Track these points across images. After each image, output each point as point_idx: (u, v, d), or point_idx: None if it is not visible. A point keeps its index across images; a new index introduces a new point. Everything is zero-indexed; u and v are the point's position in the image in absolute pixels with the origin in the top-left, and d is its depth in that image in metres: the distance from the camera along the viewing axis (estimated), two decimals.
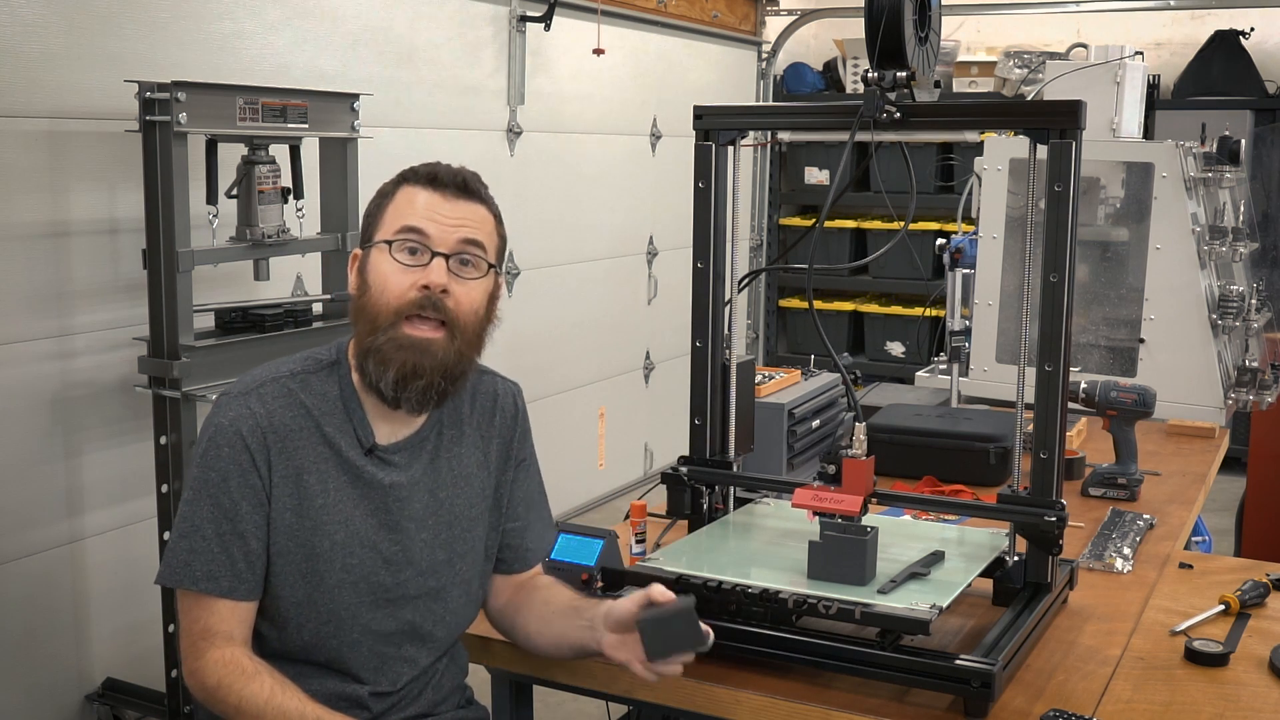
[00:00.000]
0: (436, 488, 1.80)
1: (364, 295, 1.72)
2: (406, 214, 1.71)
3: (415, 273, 1.69)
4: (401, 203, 1.73)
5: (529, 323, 4.92)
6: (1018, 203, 3.71)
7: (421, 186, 1.73)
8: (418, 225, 1.70)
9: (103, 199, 3.16)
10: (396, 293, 1.69)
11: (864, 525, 1.87)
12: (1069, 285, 1.89)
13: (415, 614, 1.78)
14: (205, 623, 1.68)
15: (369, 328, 1.70)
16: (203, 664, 1.66)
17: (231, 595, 1.68)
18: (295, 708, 1.63)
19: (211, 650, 1.67)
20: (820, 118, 2.77)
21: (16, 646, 3.06)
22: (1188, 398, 3.51)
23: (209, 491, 1.68)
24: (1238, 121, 5.86)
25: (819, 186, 7.07)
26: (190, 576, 1.67)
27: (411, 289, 1.69)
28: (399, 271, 1.69)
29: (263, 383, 1.72)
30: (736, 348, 2.20)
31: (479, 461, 1.86)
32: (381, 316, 1.69)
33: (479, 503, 1.85)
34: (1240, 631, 2.01)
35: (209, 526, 1.67)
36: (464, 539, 1.82)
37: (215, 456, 1.68)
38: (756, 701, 1.78)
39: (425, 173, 1.74)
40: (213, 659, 1.66)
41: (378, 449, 1.75)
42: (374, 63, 4.06)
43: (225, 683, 1.65)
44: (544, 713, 2.12)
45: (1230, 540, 4.46)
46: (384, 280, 1.69)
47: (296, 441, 1.70)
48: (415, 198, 1.73)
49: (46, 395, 3.08)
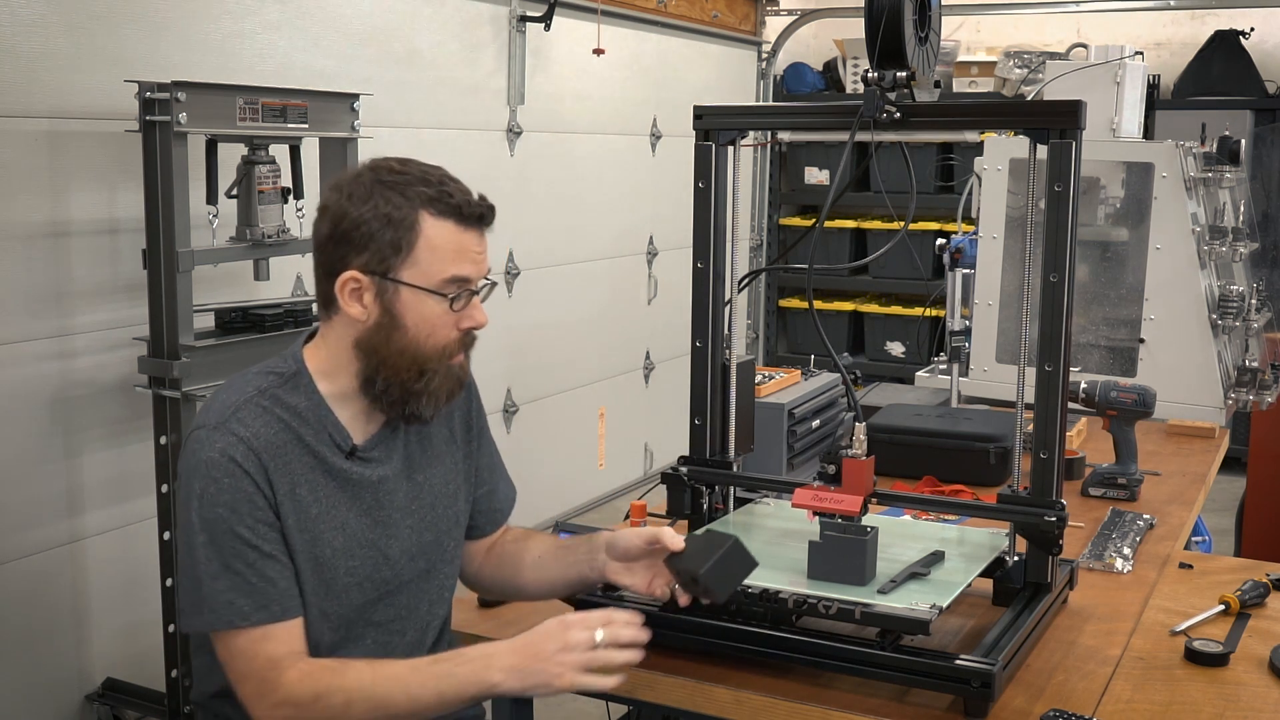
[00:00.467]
0: (413, 472, 1.81)
1: (396, 333, 1.68)
2: (449, 260, 1.67)
3: (457, 315, 1.70)
4: (436, 242, 1.66)
5: (529, 323, 4.92)
6: (1018, 203, 3.71)
7: (452, 221, 1.68)
8: (466, 275, 1.69)
9: (103, 199, 3.16)
10: (443, 335, 1.70)
11: (864, 525, 1.87)
12: (1069, 285, 1.89)
13: (410, 596, 1.81)
14: (269, 653, 1.63)
15: (414, 370, 1.69)
16: (286, 691, 1.61)
17: (286, 616, 1.64)
18: (402, 670, 1.62)
19: (287, 673, 1.62)
20: (820, 118, 2.77)
21: (16, 646, 3.06)
22: (1188, 398, 3.51)
23: (223, 527, 1.63)
24: (1238, 121, 5.86)
25: (819, 186, 7.07)
26: (241, 614, 1.62)
27: (454, 329, 1.71)
28: (445, 315, 1.69)
29: (236, 407, 1.67)
30: (736, 348, 2.20)
31: (445, 438, 1.88)
32: (431, 361, 1.70)
33: (454, 478, 1.88)
34: (1240, 631, 2.01)
35: (237, 561, 1.62)
36: (446, 516, 1.85)
37: (216, 491, 1.63)
38: (756, 701, 1.78)
39: (455, 204, 1.68)
40: (293, 679, 1.61)
41: (357, 450, 1.75)
42: (374, 63, 4.06)
43: (322, 688, 1.60)
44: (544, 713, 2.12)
45: (1230, 540, 4.46)
46: (430, 325, 1.69)
47: (286, 457, 1.67)
48: (451, 239, 1.67)
49: (46, 395, 3.08)
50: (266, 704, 1.62)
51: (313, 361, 1.75)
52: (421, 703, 1.60)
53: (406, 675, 1.61)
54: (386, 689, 1.60)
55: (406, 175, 1.69)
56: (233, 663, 1.64)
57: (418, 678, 1.61)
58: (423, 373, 1.70)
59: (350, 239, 1.67)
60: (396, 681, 1.60)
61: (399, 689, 1.60)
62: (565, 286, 5.17)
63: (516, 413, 4.91)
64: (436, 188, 1.68)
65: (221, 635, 1.64)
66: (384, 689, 1.60)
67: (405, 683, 1.60)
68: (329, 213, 1.69)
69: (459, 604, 2.03)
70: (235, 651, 1.64)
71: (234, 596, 1.62)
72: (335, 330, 1.73)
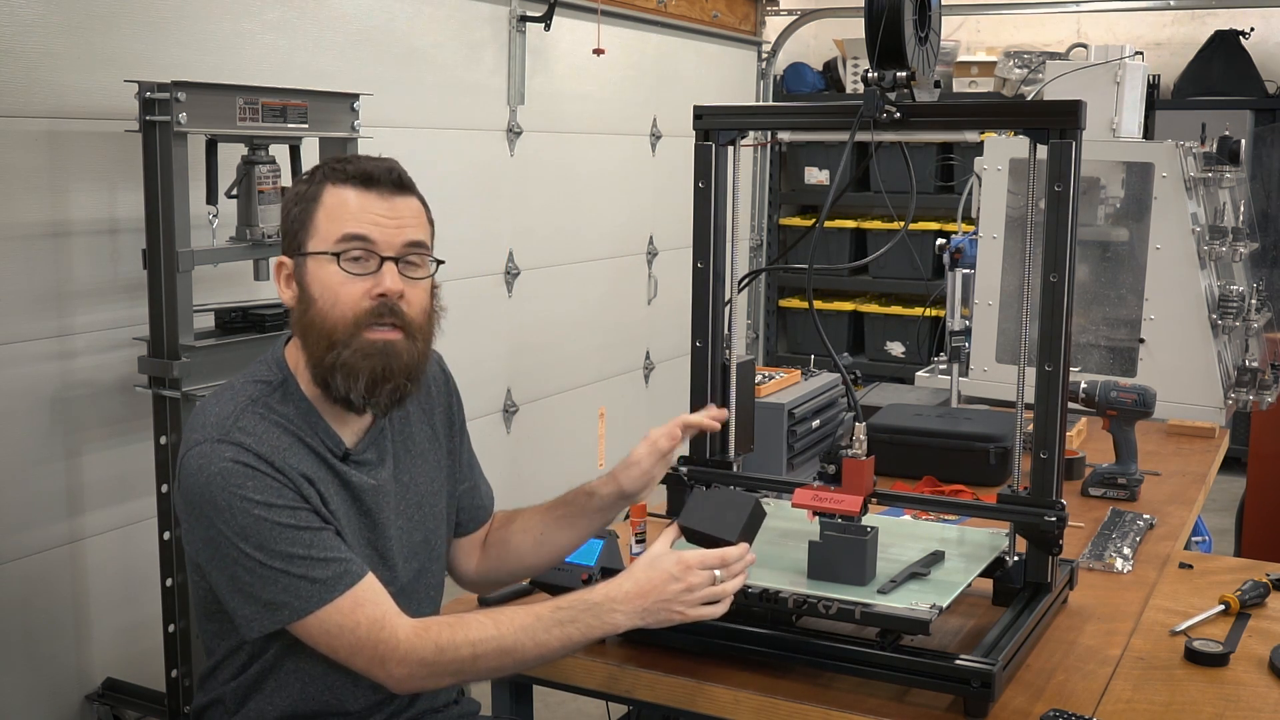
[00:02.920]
0: (400, 473, 1.81)
1: (310, 308, 1.66)
2: (344, 220, 1.65)
3: (365, 280, 1.65)
4: (333, 207, 1.66)
5: (529, 323, 4.92)
6: (1018, 203, 3.71)
7: (351, 186, 1.66)
8: (362, 232, 1.64)
9: (103, 199, 3.16)
10: (350, 303, 1.65)
11: (864, 525, 1.87)
12: (1069, 285, 1.89)
13: (403, 599, 1.79)
14: (368, 615, 1.59)
15: (325, 342, 1.65)
16: (406, 649, 1.59)
17: (364, 574, 1.62)
18: (525, 619, 1.62)
19: (398, 631, 1.60)
20: (820, 118, 2.77)
21: (16, 646, 3.06)
22: (1188, 398, 3.51)
23: (266, 526, 1.58)
24: (1238, 121, 5.85)
25: (819, 186, 7.07)
26: (327, 588, 1.58)
27: (364, 298, 1.65)
28: (347, 281, 1.65)
29: (236, 416, 1.64)
30: (736, 348, 2.20)
31: (428, 435, 1.87)
32: (339, 330, 1.65)
33: (437, 476, 1.87)
34: (1240, 631, 2.01)
35: (296, 547, 1.59)
36: (432, 516, 1.85)
37: (243, 496, 1.58)
38: (756, 701, 1.78)
39: (354, 171, 1.67)
40: (407, 636, 1.60)
41: (351, 454, 1.73)
42: (374, 63, 4.06)
43: (445, 641, 1.60)
44: (544, 713, 2.12)
45: (1230, 540, 4.46)
46: (333, 292, 1.65)
47: (294, 457, 1.65)
48: (348, 200, 1.66)
49: (46, 395, 3.08)
50: (392, 666, 1.60)
51: (293, 364, 1.73)
52: (549, 649, 1.63)
53: (532, 624, 1.62)
54: (515, 639, 1.61)
55: (331, 161, 1.71)
56: (337, 643, 1.60)
57: (542, 624, 1.62)
58: (331, 345, 1.65)
59: (284, 230, 1.72)
60: (524, 631, 1.61)
61: (527, 638, 1.61)
62: (565, 286, 5.17)
63: (516, 413, 4.90)
64: (351, 163, 1.68)
65: (312, 621, 1.59)
66: (511, 639, 1.61)
67: (532, 631, 1.61)
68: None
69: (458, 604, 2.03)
70: (334, 630, 1.60)
71: (308, 579, 1.58)
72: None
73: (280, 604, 1.59)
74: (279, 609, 1.60)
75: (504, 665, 1.63)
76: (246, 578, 1.59)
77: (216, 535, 1.59)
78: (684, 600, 1.64)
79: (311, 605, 1.59)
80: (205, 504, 1.59)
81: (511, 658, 1.62)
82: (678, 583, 1.63)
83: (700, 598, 1.64)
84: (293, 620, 1.60)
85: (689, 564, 1.64)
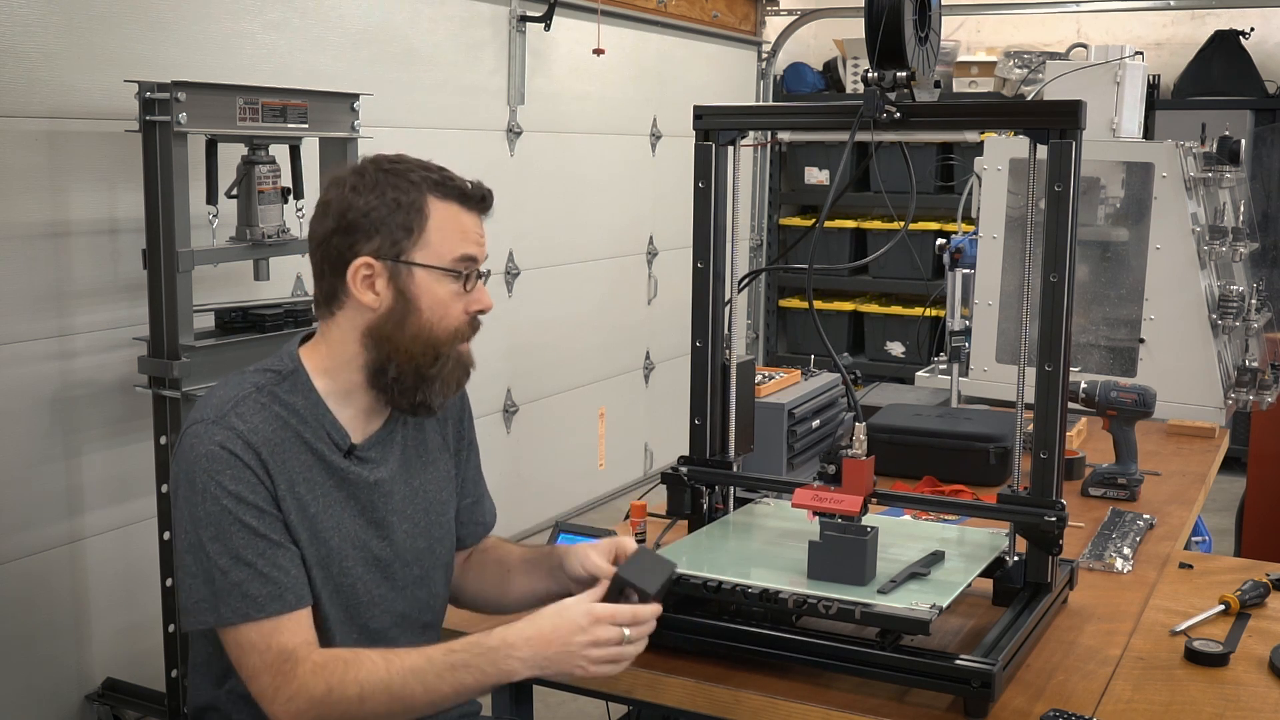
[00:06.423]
0: (410, 476, 1.81)
1: (412, 317, 1.69)
2: (463, 241, 1.70)
3: (466, 297, 1.72)
4: (445, 223, 1.69)
5: (529, 323, 4.92)
6: (1018, 203, 3.71)
7: (458, 203, 1.71)
8: (475, 254, 1.72)
9: (103, 199, 3.16)
10: (455, 318, 1.72)
11: (864, 525, 1.87)
12: (1069, 285, 1.89)
13: (405, 604, 1.79)
14: (281, 644, 1.59)
15: (431, 354, 1.70)
16: (299, 683, 1.57)
17: (299, 605, 1.62)
18: (417, 661, 1.59)
19: (300, 665, 1.58)
20: (820, 118, 2.77)
21: (16, 646, 3.06)
22: (1188, 398, 3.51)
23: (228, 519, 1.60)
24: (1238, 121, 5.86)
25: (819, 186, 7.07)
26: (256, 606, 1.59)
27: (464, 313, 1.73)
28: (456, 296, 1.71)
29: (236, 401, 1.66)
30: (736, 348, 2.20)
31: (439, 444, 1.88)
32: (444, 344, 1.71)
33: (446, 485, 1.87)
34: (1240, 631, 2.01)
35: (248, 552, 1.60)
36: (439, 523, 1.84)
37: (218, 483, 1.60)
38: (756, 701, 1.78)
39: (457, 187, 1.71)
40: (306, 672, 1.58)
41: (355, 449, 1.74)
42: (374, 63, 4.06)
43: (334, 681, 1.57)
44: (544, 713, 2.12)
45: (1230, 540, 4.46)
46: (444, 307, 1.70)
47: (284, 453, 1.66)
48: (461, 219, 1.71)
49: (46, 395, 3.09)
50: (282, 698, 1.58)
51: (311, 360, 1.74)
52: (439, 694, 1.59)
53: (423, 667, 1.58)
54: (404, 682, 1.58)
55: (407, 163, 1.72)
56: (245, 658, 1.61)
57: (434, 668, 1.58)
58: (437, 356, 1.71)
59: (359, 227, 1.68)
60: (413, 674, 1.58)
61: (415, 682, 1.58)
62: (565, 286, 5.17)
63: (516, 413, 4.91)
64: (439, 173, 1.72)
65: (233, 630, 1.60)
66: (399, 682, 1.57)
67: (421, 675, 1.58)
68: (332, 206, 1.70)
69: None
70: (247, 646, 1.60)
71: (247, 588, 1.59)
72: (339, 325, 1.72)
73: (218, 603, 1.60)
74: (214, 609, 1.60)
75: (393, 710, 1.58)
76: (193, 559, 1.61)
77: (189, 511, 1.62)
78: (587, 655, 1.59)
79: (235, 619, 1.60)
80: (187, 480, 1.62)
81: (401, 703, 1.58)
82: (584, 634, 1.59)
83: (606, 656, 1.59)
84: (219, 625, 1.62)
85: (598, 616, 1.60)
